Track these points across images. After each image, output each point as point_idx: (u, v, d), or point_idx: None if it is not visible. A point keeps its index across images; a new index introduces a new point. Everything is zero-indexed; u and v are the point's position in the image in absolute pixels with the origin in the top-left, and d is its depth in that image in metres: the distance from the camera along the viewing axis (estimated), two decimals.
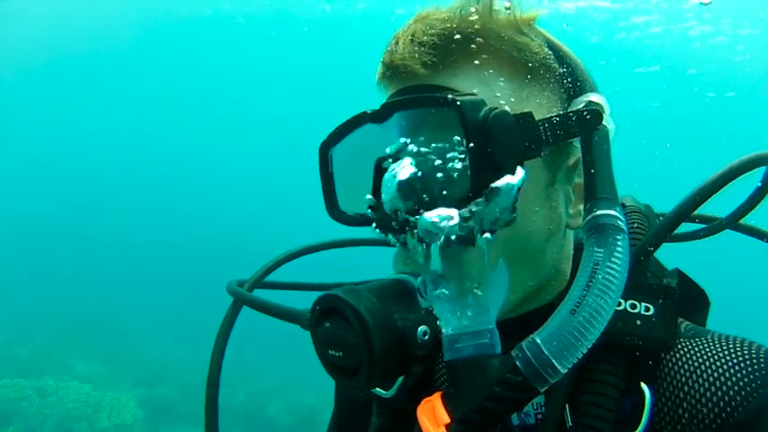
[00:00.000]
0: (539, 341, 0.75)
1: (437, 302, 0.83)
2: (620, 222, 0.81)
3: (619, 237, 0.79)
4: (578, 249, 0.96)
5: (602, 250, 0.78)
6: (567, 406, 0.88)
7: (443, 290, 0.83)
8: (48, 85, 23.80)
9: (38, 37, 20.07)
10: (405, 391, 1.03)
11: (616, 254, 0.78)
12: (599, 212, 0.82)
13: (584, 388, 0.87)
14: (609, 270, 0.76)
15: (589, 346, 0.74)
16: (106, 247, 21.80)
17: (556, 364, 0.73)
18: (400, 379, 1.04)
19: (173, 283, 18.97)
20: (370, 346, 0.78)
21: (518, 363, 0.75)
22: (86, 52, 21.36)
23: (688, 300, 1.04)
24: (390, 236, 0.87)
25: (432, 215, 0.80)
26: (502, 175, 0.79)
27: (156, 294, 17.49)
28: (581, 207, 0.92)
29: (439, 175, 0.82)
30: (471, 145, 0.78)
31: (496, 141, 0.78)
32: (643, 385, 0.87)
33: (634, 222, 1.01)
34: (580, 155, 0.89)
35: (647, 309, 0.88)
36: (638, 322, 0.87)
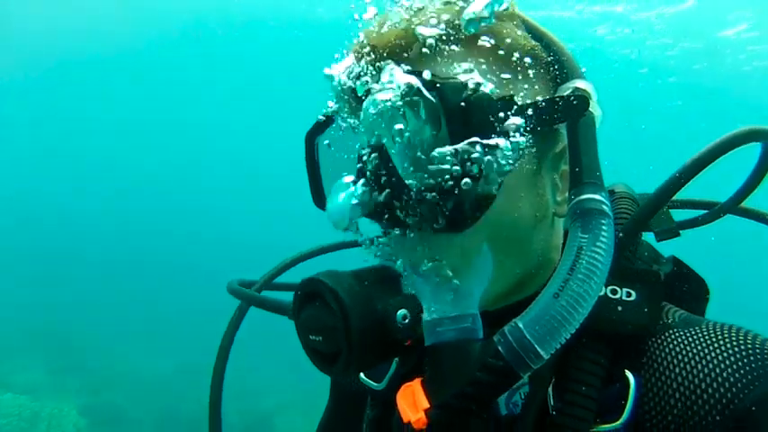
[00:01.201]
0: (521, 325, 0.74)
1: (419, 287, 0.82)
2: (604, 207, 0.80)
3: (603, 221, 0.79)
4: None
5: (586, 235, 0.78)
6: (551, 394, 0.86)
7: (426, 275, 0.82)
8: (39, 85, 22.84)
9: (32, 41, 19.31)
10: (397, 382, 1.01)
11: (601, 238, 0.77)
12: (584, 197, 0.81)
13: (566, 375, 0.85)
14: (593, 254, 0.76)
15: (572, 332, 0.73)
16: (53, 247, 20.91)
17: (538, 349, 0.72)
18: (392, 370, 1.05)
19: (121, 285, 18.29)
20: (349, 329, 0.77)
21: (500, 347, 0.74)
22: (83, 54, 20.61)
23: (686, 288, 1.02)
24: (380, 224, 0.86)
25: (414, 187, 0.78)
26: (490, 157, 0.78)
27: (103, 298, 16.81)
28: (567, 195, 0.90)
29: (422, 157, 0.81)
30: (452, 127, 0.77)
31: (477, 124, 0.77)
32: (628, 373, 0.85)
33: (622, 207, 1.00)
34: (566, 142, 0.88)
35: (629, 294, 0.87)
36: (619, 308, 0.86)
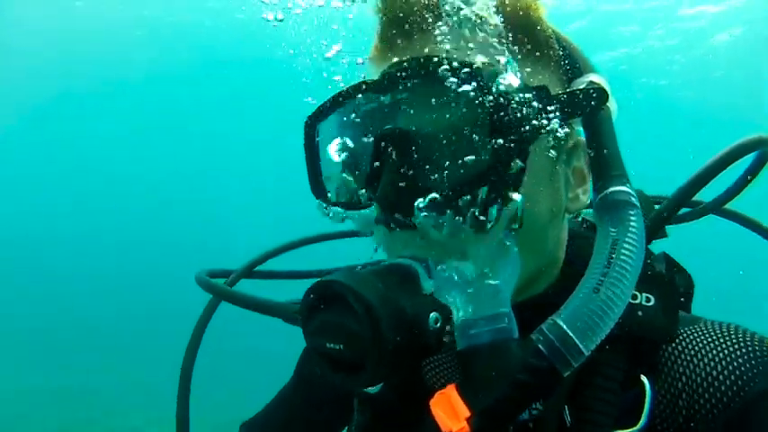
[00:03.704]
0: (561, 323, 0.71)
1: (446, 287, 0.77)
2: (633, 199, 0.81)
3: (632, 212, 0.79)
4: (572, 237, 0.96)
5: (618, 228, 0.77)
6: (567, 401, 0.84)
7: (452, 273, 0.78)
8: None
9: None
10: (390, 387, 0.97)
11: (634, 230, 0.77)
12: (611, 189, 0.81)
13: (586, 380, 0.84)
14: (628, 247, 0.75)
15: (611, 326, 0.72)
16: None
17: (581, 346, 0.70)
18: None
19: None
20: (380, 336, 0.69)
21: (540, 346, 0.70)
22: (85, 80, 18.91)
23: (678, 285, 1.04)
24: (393, 216, 0.81)
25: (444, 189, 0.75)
26: (520, 149, 0.75)
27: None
28: (579, 191, 0.91)
29: (452, 148, 0.77)
30: (490, 115, 0.74)
31: (516, 112, 0.75)
32: (643, 378, 0.85)
33: None
34: (578, 138, 0.89)
35: (648, 299, 0.86)
36: (640, 313, 0.85)
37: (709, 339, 0.87)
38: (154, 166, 22.42)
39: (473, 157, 0.76)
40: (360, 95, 0.81)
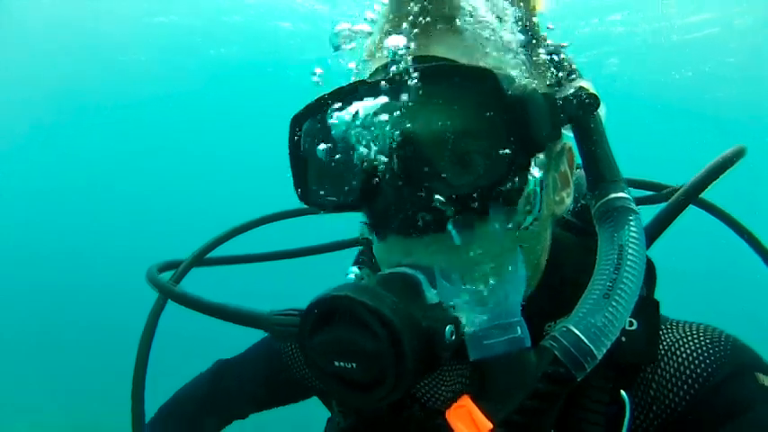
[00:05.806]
0: (573, 328, 0.72)
1: (453, 296, 0.75)
2: (632, 205, 0.83)
3: (632, 218, 0.81)
4: (555, 241, 0.96)
5: (622, 233, 0.79)
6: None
7: (460, 283, 0.76)
8: None
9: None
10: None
11: (637, 236, 0.79)
12: (612, 196, 0.83)
13: (571, 405, 0.83)
14: (632, 252, 0.77)
15: (620, 330, 0.73)
16: None
17: (594, 351, 0.71)
18: None
19: None
20: (401, 354, 0.66)
21: (557, 353, 0.71)
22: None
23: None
24: (396, 223, 0.77)
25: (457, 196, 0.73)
26: (534, 155, 0.75)
27: None
28: (564, 194, 0.92)
29: (461, 153, 0.75)
30: (509, 119, 0.72)
31: (532, 118, 0.74)
32: (623, 393, 0.85)
33: None
34: (564, 143, 0.90)
35: (631, 323, 0.85)
36: (623, 338, 0.83)
37: (673, 340, 0.89)
38: (149, 174, 22.29)
39: (483, 164, 0.74)
40: (361, 94, 0.76)
